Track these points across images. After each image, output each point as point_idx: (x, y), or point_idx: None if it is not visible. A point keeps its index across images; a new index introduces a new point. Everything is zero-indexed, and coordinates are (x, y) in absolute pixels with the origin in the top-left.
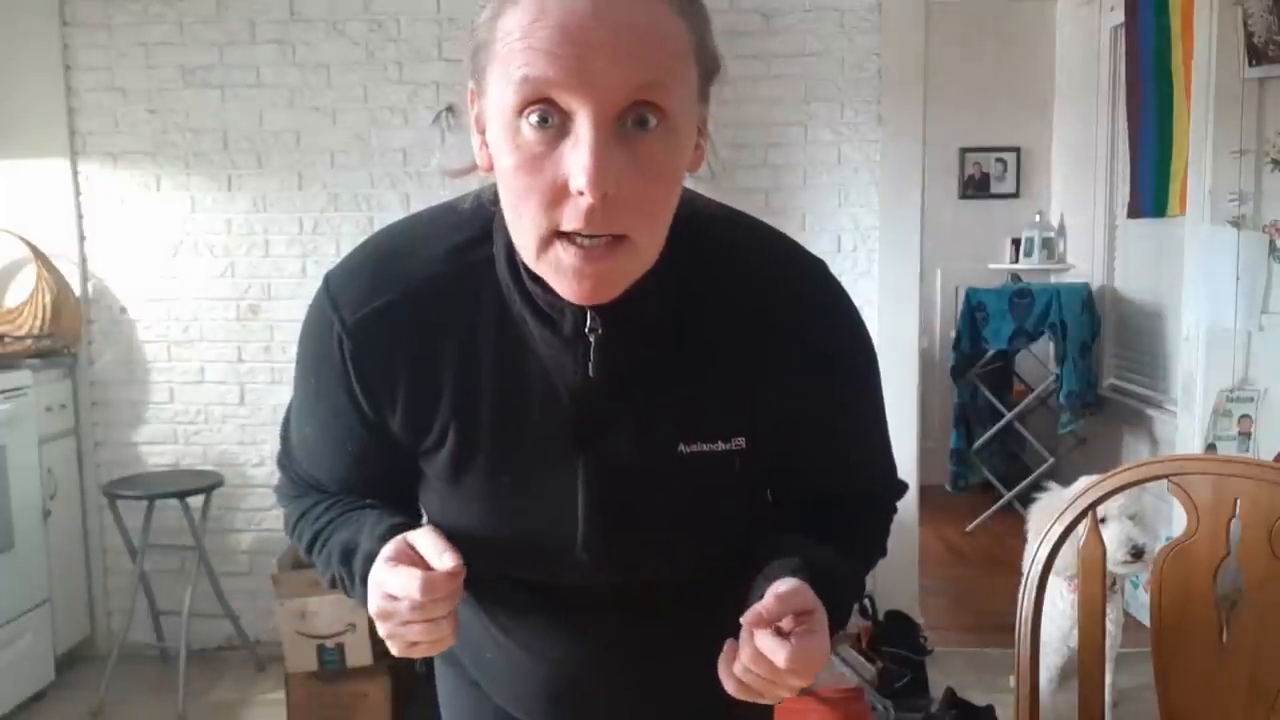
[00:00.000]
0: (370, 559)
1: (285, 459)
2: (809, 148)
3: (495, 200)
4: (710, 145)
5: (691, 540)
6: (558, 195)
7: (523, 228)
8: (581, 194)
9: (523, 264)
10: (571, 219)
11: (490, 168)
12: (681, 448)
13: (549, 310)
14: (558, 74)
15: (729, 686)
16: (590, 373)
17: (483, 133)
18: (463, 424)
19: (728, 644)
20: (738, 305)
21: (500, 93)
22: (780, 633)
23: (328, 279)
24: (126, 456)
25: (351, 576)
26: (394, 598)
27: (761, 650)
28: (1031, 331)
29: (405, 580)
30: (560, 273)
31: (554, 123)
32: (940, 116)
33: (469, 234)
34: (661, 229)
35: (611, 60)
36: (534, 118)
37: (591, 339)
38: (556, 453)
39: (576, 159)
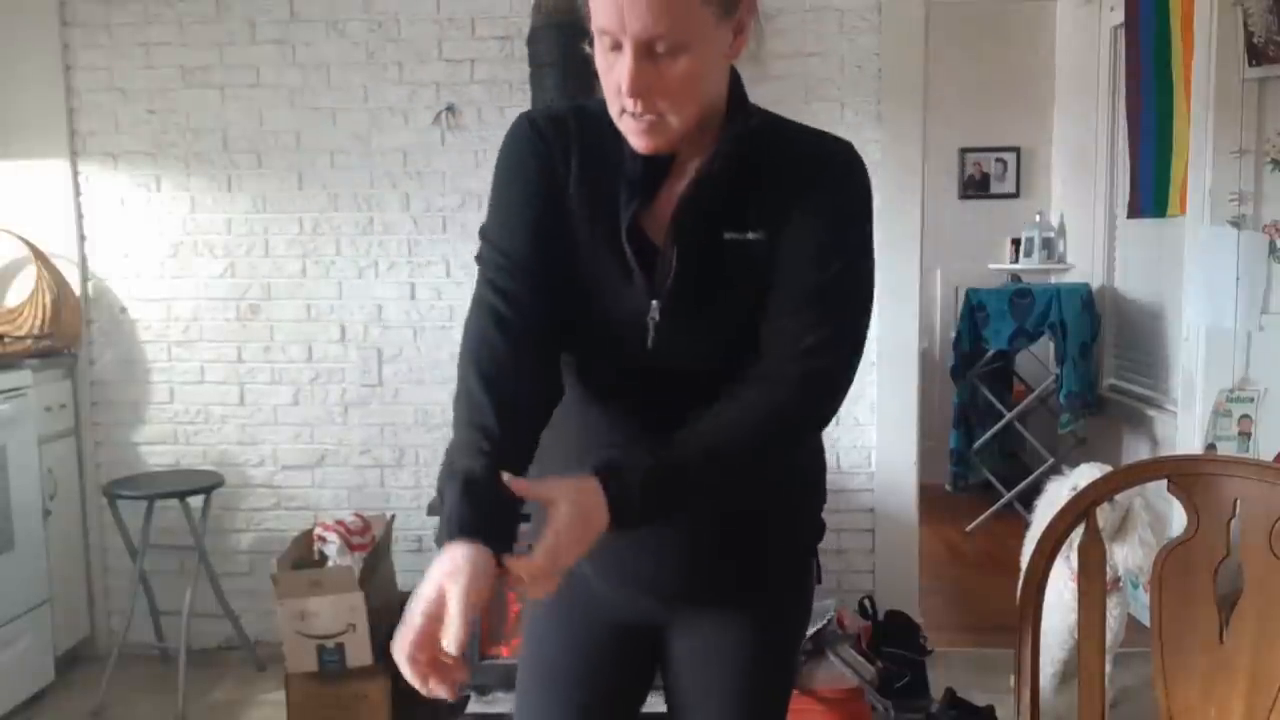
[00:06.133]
0: (441, 539)
1: (482, 252)
2: None
3: None
4: (756, 29)
5: (728, 324)
6: (617, 91)
7: (608, 105)
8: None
9: None
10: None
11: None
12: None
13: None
14: (609, 23)
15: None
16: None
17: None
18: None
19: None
20: (779, 157)
21: (595, 25)
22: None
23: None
24: (126, 456)
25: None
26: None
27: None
28: (1031, 331)
29: (400, 640)
30: (627, 136)
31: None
32: (940, 116)
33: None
34: (688, 110)
35: (635, 16)
36: (608, 41)
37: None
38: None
39: (622, 70)
